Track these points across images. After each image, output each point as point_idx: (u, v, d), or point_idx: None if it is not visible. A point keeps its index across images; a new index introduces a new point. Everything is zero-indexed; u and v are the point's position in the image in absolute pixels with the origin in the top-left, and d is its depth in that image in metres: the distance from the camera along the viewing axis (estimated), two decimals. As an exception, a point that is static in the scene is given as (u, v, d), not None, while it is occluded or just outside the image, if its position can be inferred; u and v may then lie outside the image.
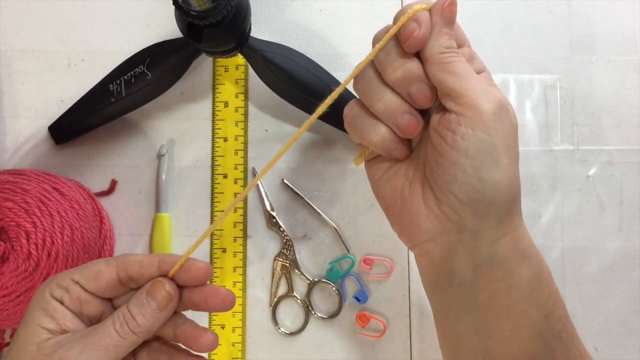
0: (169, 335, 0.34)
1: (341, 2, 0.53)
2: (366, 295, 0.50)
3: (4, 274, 0.41)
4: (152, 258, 0.33)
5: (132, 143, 0.51)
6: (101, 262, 0.33)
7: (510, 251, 0.34)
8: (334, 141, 0.52)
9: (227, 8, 0.39)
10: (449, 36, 0.34)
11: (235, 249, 0.50)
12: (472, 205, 0.33)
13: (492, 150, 0.32)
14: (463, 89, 0.32)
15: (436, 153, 0.34)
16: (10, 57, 0.52)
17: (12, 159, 0.51)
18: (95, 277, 0.32)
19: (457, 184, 0.32)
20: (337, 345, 0.50)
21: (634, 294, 0.51)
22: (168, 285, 0.33)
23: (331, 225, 0.50)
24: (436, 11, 0.34)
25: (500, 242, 0.34)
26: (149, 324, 0.32)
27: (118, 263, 0.33)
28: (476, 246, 0.34)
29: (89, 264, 0.33)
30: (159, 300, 0.32)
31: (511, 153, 0.33)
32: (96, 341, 0.31)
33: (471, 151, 0.32)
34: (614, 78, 0.53)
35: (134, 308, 0.32)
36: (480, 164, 0.32)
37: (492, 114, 0.32)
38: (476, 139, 0.32)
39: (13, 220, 0.42)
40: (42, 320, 0.31)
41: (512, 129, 0.33)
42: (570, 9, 0.53)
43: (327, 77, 0.49)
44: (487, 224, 0.33)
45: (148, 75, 0.47)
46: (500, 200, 0.33)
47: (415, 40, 0.33)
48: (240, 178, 0.51)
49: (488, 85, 0.34)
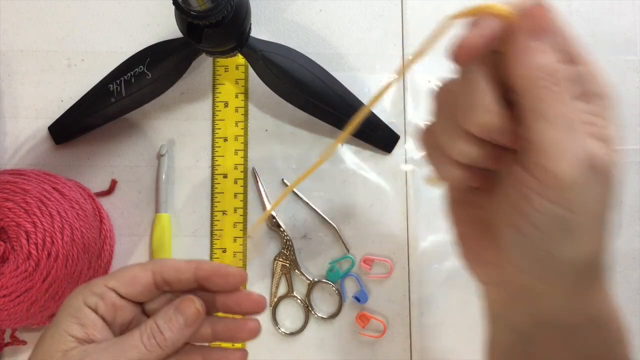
0: (207, 336, 0.34)
1: (341, 2, 0.53)
2: (366, 295, 0.50)
3: (4, 274, 0.41)
4: (189, 264, 0.34)
5: (132, 143, 0.51)
6: (136, 267, 0.33)
7: (577, 316, 0.29)
8: (334, 141, 0.52)
9: (227, 8, 0.39)
10: (544, 54, 0.24)
11: (235, 249, 0.50)
12: (534, 271, 0.27)
13: (570, 228, 0.25)
14: (541, 141, 0.24)
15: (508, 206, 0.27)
16: (10, 57, 0.52)
17: (12, 159, 0.51)
18: (132, 282, 0.33)
19: (519, 250, 0.26)
20: (337, 345, 0.50)
21: (634, 294, 0.51)
22: (198, 303, 0.33)
23: (331, 225, 0.50)
24: (521, 17, 0.24)
25: (567, 306, 0.29)
26: (176, 338, 0.32)
27: (154, 268, 0.33)
28: (537, 305, 0.29)
29: (123, 270, 0.33)
30: (187, 316, 0.32)
31: (597, 227, 0.25)
32: (122, 353, 0.31)
33: (543, 225, 0.25)
34: (614, 78, 0.53)
35: (161, 322, 0.32)
36: (551, 240, 0.25)
37: (573, 183, 0.23)
38: (551, 214, 0.24)
39: (13, 220, 0.42)
40: (71, 328, 0.31)
41: (605, 195, 0.25)
42: (570, 9, 0.53)
43: (327, 77, 0.49)
44: (551, 290, 0.28)
45: (148, 75, 0.47)
46: (572, 273, 0.27)
47: (461, 49, 0.25)
48: (240, 178, 0.51)
49: (581, 132, 0.24)
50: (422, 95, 0.52)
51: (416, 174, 0.51)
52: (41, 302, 0.42)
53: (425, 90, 0.52)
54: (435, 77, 0.52)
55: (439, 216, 0.51)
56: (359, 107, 0.49)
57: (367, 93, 0.52)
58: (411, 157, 0.52)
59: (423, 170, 0.51)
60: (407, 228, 0.51)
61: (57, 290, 0.43)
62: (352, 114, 0.49)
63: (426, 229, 0.51)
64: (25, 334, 0.48)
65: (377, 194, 0.51)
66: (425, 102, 0.52)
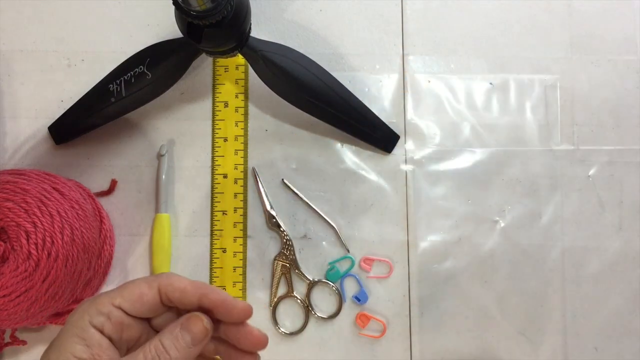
0: (211, 351, 0.34)
1: (341, 2, 0.53)
2: (366, 295, 0.50)
3: (4, 274, 0.41)
4: (196, 288, 0.33)
5: (132, 143, 0.51)
6: (143, 284, 0.32)
7: None
8: (334, 141, 0.52)
9: (227, 8, 0.39)
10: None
11: (235, 249, 0.50)
12: None
13: None
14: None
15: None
16: (10, 57, 0.52)
17: (12, 159, 0.51)
18: (139, 300, 0.32)
19: None
20: (337, 345, 0.50)
21: (634, 294, 0.51)
22: (206, 321, 0.32)
23: (331, 226, 0.50)
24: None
25: None
26: (182, 357, 0.31)
27: (161, 285, 0.32)
28: None
29: (130, 286, 0.32)
30: (194, 335, 0.32)
31: None
32: None
33: None
34: (614, 78, 0.53)
35: (167, 341, 0.31)
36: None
37: None
38: None
39: (13, 220, 0.41)
40: (76, 350, 0.30)
41: None
42: (570, 9, 0.53)
43: (327, 77, 0.49)
44: None
45: (148, 75, 0.47)
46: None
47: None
48: (240, 178, 0.51)
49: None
50: (422, 95, 0.52)
51: (416, 174, 0.51)
52: (41, 302, 0.42)
53: (425, 90, 0.52)
54: (435, 77, 0.52)
55: (439, 216, 0.51)
56: (359, 107, 0.50)
57: (367, 93, 0.52)
58: (411, 157, 0.52)
59: (423, 170, 0.51)
60: (407, 228, 0.51)
61: (57, 290, 0.43)
62: (352, 114, 0.50)
63: (426, 229, 0.51)
64: (25, 334, 0.48)
65: (377, 194, 0.51)
66: (425, 102, 0.52)
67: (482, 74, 0.53)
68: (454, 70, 0.53)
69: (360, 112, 0.50)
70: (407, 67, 0.53)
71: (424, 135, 0.52)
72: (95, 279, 0.48)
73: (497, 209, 0.51)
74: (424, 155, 0.52)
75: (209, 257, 0.50)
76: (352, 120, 0.50)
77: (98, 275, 0.48)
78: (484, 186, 0.51)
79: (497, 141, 0.52)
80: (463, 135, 0.52)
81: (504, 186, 0.51)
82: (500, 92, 0.53)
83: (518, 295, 0.50)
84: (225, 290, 0.50)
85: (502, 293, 0.50)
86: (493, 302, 0.50)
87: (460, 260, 0.50)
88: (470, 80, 0.53)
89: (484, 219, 0.51)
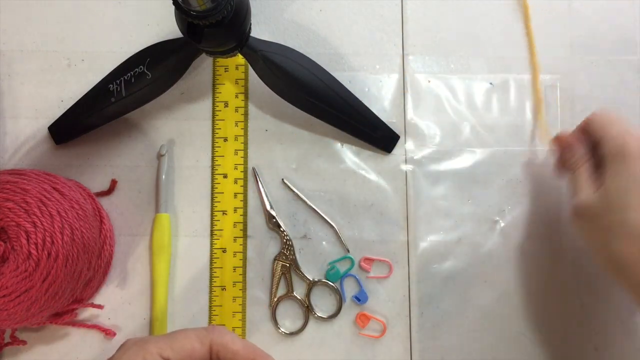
0: None
1: (341, 2, 0.53)
2: (366, 295, 0.50)
3: (4, 274, 0.41)
4: (248, 353, 0.33)
5: (132, 143, 0.51)
6: (194, 339, 0.32)
7: None
8: (334, 141, 0.52)
9: (227, 8, 0.39)
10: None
11: (235, 249, 0.50)
12: None
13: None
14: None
15: None
16: (10, 57, 0.52)
17: (12, 159, 0.51)
18: (189, 356, 0.32)
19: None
20: (337, 345, 0.50)
21: (634, 294, 0.50)
22: None
23: (331, 226, 0.50)
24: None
25: None
26: None
27: (213, 344, 0.32)
28: None
29: (180, 338, 0.32)
30: None
31: None
32: None
33: None
34: (614, 78, 0.53)
35: None
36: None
37: None
38: None
39: (13, 220, 0.42)
40: None
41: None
42: (570, 9, 0.53)
43: (327, 77, 0.49)
44: None
45: (148, 75, 0.47)
46: None
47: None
48: (240, 178, 0.51)
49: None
50: (422, 95, 0.52)
51: (416, 173, 0.51)
52: (41, 302, 0.42)
53: (425, 90, 0.52)
54: (435, 77, 0.52)
55: (439, 216, 0.51)
56: (359, 107, 0.50)
57: (367, 93, 0.52)
58: (411, 157, 0.52)
59: (423, 170, 0.51)
60: (407, 228, 0.51)
61: (57, 290, 0.43)
62: (352, 114, 0.50)
63: (426, 229, 0.51)
64: (25, 334, 0.48)
65: (377, 194, 0.51)
66: (425, 102, 0.52)
67: (482, 74, 0.53)
68: (454, 70, 0.53)
69: (360, 112, 0.50)
70: (407, 67, 0.53)
71: (424, 135, 0.52)
72: (95, 278, 0.48)
73: (497, 209, 0.51)
74: (424, 155, 0.52)
75: (209, 257, 0.50)
76: (352, 120, 0.50)
77: (98, 275, 0.48)
78: (484, 186, 0.51)
79: (497, 141, 0.52)
80: (463, 135, 0.52)
81: (504, 186, 0.51)
82: (500, 92, 0.53)
83: (518, 295, 0.50)
84: (226, 290, 0.50)
85: (502, 293, 0.50)
86: (493, 302, 0.50)
87: (460, 260, 0.50)
88: (470, 80, 0.53)
89: (484, 219, 0.51)
